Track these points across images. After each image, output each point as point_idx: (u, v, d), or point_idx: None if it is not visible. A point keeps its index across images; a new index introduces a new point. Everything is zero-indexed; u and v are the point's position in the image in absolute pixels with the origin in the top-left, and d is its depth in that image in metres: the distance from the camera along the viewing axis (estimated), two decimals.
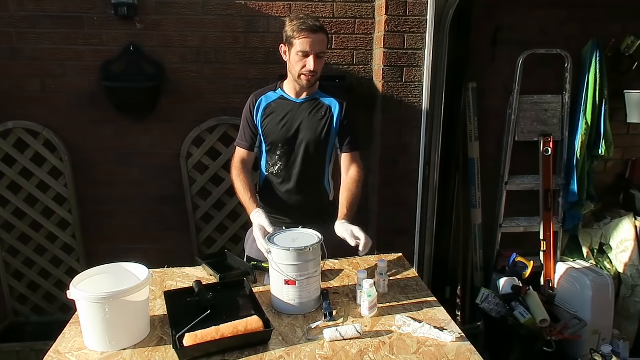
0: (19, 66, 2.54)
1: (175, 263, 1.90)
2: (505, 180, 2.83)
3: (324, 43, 1.76)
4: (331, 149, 1.91)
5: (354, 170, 1.88)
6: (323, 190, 1.96)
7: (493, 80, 2.80)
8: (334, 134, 1.88)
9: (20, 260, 2.73)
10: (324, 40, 1.75)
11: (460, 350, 1.33)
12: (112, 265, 1.48)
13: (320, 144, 1.87)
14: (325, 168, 1.93)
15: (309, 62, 1.73)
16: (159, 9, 2.53)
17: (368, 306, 1.49)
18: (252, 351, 1.31)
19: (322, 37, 1.74)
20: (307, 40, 1.71)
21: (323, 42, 1.75)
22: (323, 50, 1.76)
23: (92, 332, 1.32)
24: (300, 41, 1.72)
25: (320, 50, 1.74)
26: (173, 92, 2.63)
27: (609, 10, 2.77)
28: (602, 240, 2.95)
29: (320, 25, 1.74)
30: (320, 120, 1.86)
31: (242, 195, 1.85)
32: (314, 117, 1.86)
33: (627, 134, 3.02)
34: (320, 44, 1.73)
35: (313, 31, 1.71)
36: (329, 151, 1.91)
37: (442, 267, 2.88)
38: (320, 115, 1.86)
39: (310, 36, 1.71)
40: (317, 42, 1.72)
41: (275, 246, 1.50)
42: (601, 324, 2.59)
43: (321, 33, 1.74)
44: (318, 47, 1.73)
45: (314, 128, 1.85)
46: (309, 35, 1.71)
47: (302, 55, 1.73)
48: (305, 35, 1.71)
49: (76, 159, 2.64)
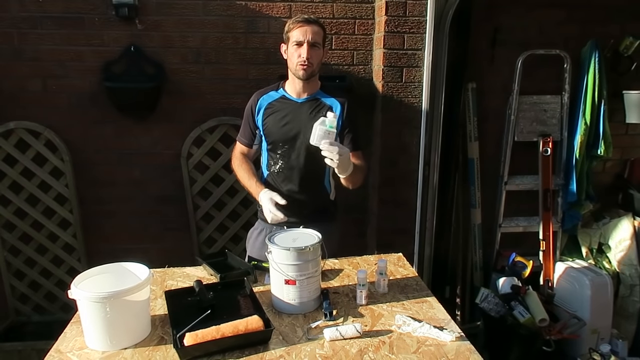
0: (21, 67, 2.54)
1: (175, 263, 1.91)
2: (504, 180, 2.84)
3: (319, 35, 1.79)
4: None
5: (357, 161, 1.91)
6: (324, 190, 1.97)
7: (492, 80, 2.81)
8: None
9: (21, 260, 2.74)
10: (318, 31, 1.79)
11: (460, 350, 1.34)
12: (113, 265, 1.49)
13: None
14: (326, 168, 1.94)
15: (302, 50, 1.77)
16: (159, 10, 2.54)
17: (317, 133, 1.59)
18: (253, 350, 1.32)
19: (317, 28, 1.79)
20: (301, 29, 1.77)
21: (317, 33, 1.78)
22: (317, 40, 1.78)
23: (93, 331, 1.33)
24: (295, 32, 1.79)
25: (314, 40, 1.77)
26: (174, 93, 2.63)
27: (608, 11, 2.77)
28: (601, 240, 2.95)
29: (316, 19, 1.80)
30: None
31: (247, 180, 1.91)
32: (315, 117, 1.85)
33: (626, 134, 3.02)
34: (314, 34, 1.77)
35: (307, 22, 1.78)
36: None
37: (442, 267, 2.89)
38: (321, 115, 1.86)
39: (304, 25, 1.77)
40: (311, 31, 1.77)
41: (275, 246, 1.50)
42: (600, 323, 2.59)
43: (316, 25, 1.79)
44: (311, 36, 1.76)
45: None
46: (303, 24, 1.77)
47: (296, 45, 1.78)
48: (300, 25, 1.78)
49: (77, 159, 2.65)
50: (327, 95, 1.91)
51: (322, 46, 1.83)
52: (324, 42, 1.84)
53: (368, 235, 2.83)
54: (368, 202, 2.78)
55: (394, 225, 2.65)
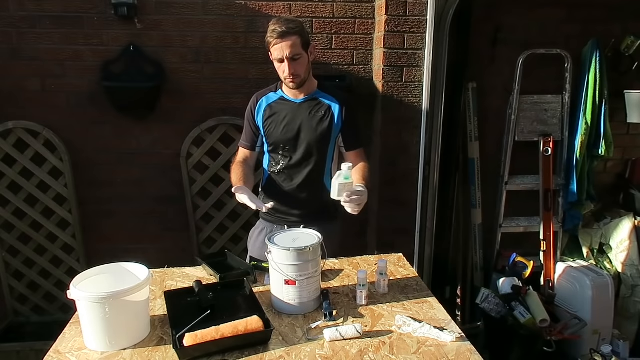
0: (19, 66, 2.54)
1: (175, 263, 1.90)
2: (505, 180, 2.83)
3: (296, 45, 1.73)
4: (332, 148, 1.93)
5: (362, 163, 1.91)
6: (325, 189, 1.96)
7: (493, 80, 2.80)
8: (335, 133, 1.90)
9: (20, 260, 2.73)
10: (295, 42, 1.73)
11: (460, 350, 1.33)
12: (112, 265, 1.48)
13: (321, 144, 1.88)
14: (327, 167, 1.94)
15: (285, 67, 1.76)
16: (158, 9, 2.53)
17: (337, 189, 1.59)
18: (252, 351, 1.31)
19: (292, 39, 1.72)
20: (277, 47, 1.73)
21: (294, 44, 1.72)
22: (296, 52, 1.74)
23: (92, 332, 1.32)
24: (273, 50, 1.76)
25: (292, 54, 1.73)
26: (173, 92, 2.63)
27: (609, 11, 2.77)
28: (602, 240, 2.95)
29: (288, 29, 1.72)
30: (320, 120, 1.87)
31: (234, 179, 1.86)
32: (314, 117, 1.87)
33: (627, 134, 3.02)
34: (290, 47, 1.72)
35: (281, 37, 1.71)
36: (330, 150, 1.92)
37: (442, 267, 2.88)
38: (320, 115, 1.87)
39: (279, 42, 1.72)
40: (287, 46, 1.72)
41: (275, 246, 1.50)
42: (601, 324, 2.59)
43: (290, 36, 1.72)
44: (289, 51, 1.72)
45: (315, 128, 1.86)
46: (277, 41, 1.72)
47: (278, 62, 1.77)
48: (275, 42, 1.73)
49: (76, 159, 2.64)
50: (325, 93, 1.91)
51: (305, 51, 1.78)
52: (305, 47, 1.78)
53: (368, 235, 2.82)
54: (368, 202, 2.75)
55: (394, 225, 2.65)
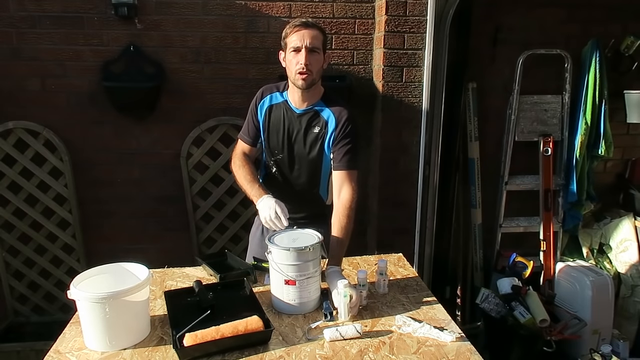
0: (19, 66, 2.54)
1: (175, 263, 1.90)
2: (505, 180, 2.83)
3: (318, 39, 1.67)
4: (327, 164, 1.83)
5: (346, 192, 1.72)
6: (318, 198, 1.91)
7: (493, 80, 2.80)
8: (327, 151, 1.79)
9: (20, 260, 2.73)
10: (317, 35, 1.67)
11: (460, 350, 1.33)
12: (112, 265, 1.48)
13: (312, 162, 1.82)
14: (320, 181, 1.87)
15: (300, 56, 1.66)
16: (159, 9, 2.53)
17: (345, 310, 1.45)
18: (252, 351, 1.31)
19: (315, 32, 1.67)
20: (298, 34, 1.65)
21: (316, 37, 1.66)
22: (316, 45, 1.66)
23: (92, 332, 1.32)
24: (291, 37, 1.67)
25: (312, 45, 1.65)
26: (173, 92, 2.63)
27: (609, 11, 2.77)
28: (601, 240, 2.95)
29: (315, 23, 1.69)
30: (315, 138, 1.78)
31: (247, 183, 1.78)
32: (310, 133, 1.78)
33: (627, 134, 3.02)
34: (312, 38, 1.65)
35: (305, 26, 1.66)
36: (324, 167, 1.84)
37: (442, 267, 2.88)
38: (315, 132, 1.78)
39: (301, 29, 1.65)
40: (309, 35, 1.65)
41: (275, 246, 1.50)
42: (601, 323, 2.59)
43: (314, 29, 1.67)
44: (309, 40, 1.64)
45: (308, 145, 1.79)
46: (300, 29, 1.66)
47: (294, 51, 1.67)
48: (297, 30, 1.66)
49: (76, 159, 2.64)
50: (326, 106, 1.78)
51: (323, 51, 1.70)
52: (324, 47, 1.71)
53: (368, 235, 2.82)
54: (368, 202, 2.77)
55: (394, 225, 2.65)
